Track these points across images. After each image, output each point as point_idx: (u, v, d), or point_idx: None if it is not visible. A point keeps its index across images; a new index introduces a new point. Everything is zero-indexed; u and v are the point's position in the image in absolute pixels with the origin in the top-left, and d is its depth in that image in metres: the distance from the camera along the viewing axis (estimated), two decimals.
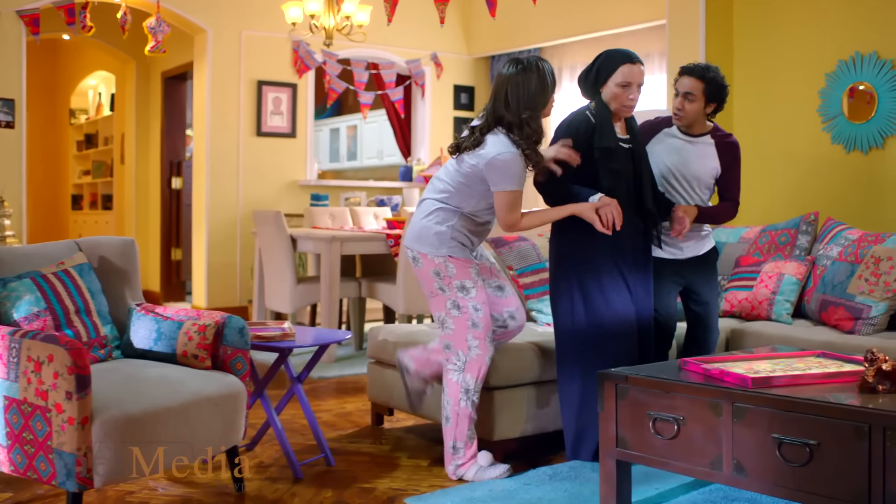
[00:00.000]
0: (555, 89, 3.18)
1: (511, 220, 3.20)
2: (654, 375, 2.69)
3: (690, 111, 3.66)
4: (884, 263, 3.85)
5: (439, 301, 3.26)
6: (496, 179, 3.14)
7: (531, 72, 3.12)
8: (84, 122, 11.55)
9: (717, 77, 3.63)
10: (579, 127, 3.36)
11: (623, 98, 3.33)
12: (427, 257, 3.25)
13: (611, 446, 2.78)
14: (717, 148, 3.75)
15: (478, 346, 3.26)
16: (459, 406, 3.27)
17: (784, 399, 2.35)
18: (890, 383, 2.36)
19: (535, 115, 3.13)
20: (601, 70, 3.35)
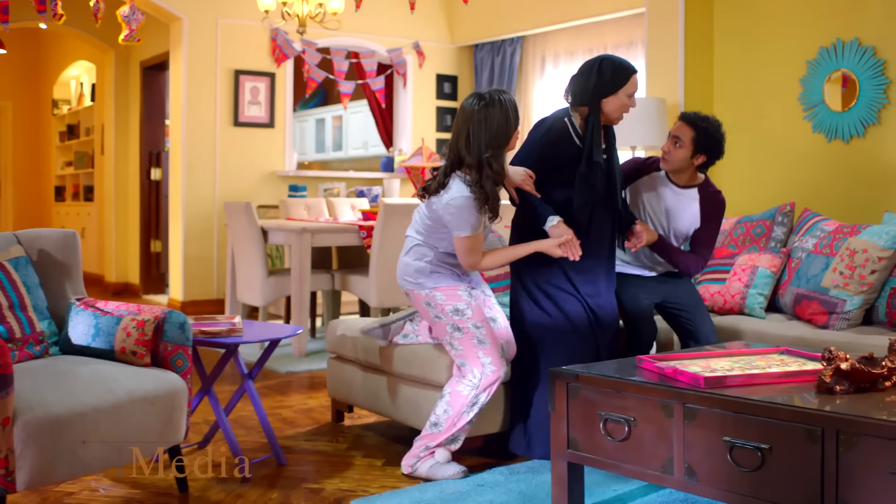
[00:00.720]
0: (518, 123, 3.11)
1: (471, 262, 3.19)
2: (605, 374, 2.56)
3: (675, 157, 3.59)
4: (858, 256, 3.72)
5: (440, 328, 3.25)
6: (452, 224, 3.12)
7: (493, 107, 3.05)
8: (66, 113, 11.40)
9: (709, 128, 3.55)
10: (560, 138, 3.30)
11: (627, 107, 3.29)
12: (414, 292, 3.26)
13: (562, 447, 2.66)
14: (700, 202, 3.67)
15: (491, 363, 3.18)
16: (460, 417, 3.16)
17: (736, 400, 2.22)
18: (848, 384, 2.23)
19: (498, 154, 3.07)
20: (615, 79, 3.24)
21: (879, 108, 4.73)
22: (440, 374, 3.30)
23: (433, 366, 3.33)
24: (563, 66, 7.88)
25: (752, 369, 2.53)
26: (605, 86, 3.24)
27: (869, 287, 3.68)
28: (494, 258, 3.22)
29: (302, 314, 5.59)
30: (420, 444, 3.21)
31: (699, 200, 3.68)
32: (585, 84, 3.27)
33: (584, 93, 3.28)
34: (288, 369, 5.21)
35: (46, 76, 11.95)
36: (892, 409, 2.10)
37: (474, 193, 3.06)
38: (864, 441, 1.96)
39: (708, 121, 3.58)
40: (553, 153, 3.28)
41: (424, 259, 3.22)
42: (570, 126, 3.30)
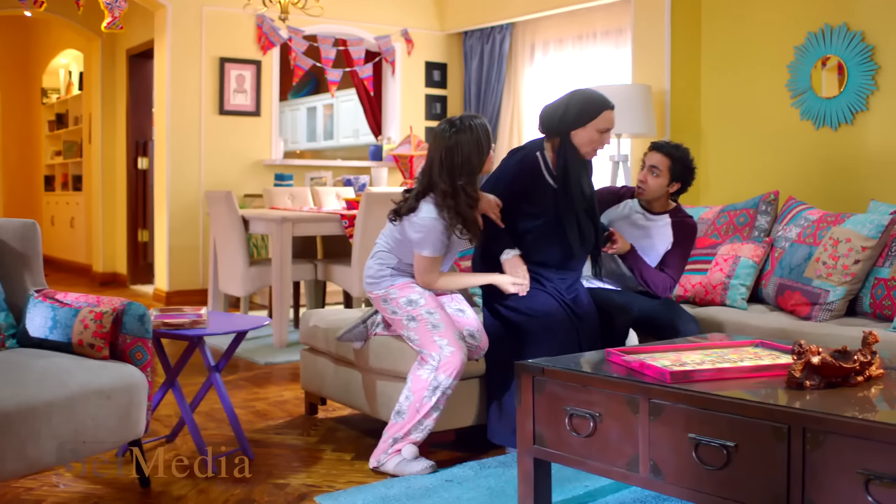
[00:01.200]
0: (490, 147, 3.14)
1: (426, 281, 3.23)
2: (570, 368, 2.47)
3: (653, 186, 3.67)
4: (842, 245, 3.63)
5: (397, 323, 3.24)
6: (416, 241, 3.17)
7: (465, 133, 3.08)
8: (55, 102, 11.30)
9: (684, 157, 3.65)
10: (530, 173, 3.32)
11: (599, 143, 3.29)
12: (373, 293, 3.30)
13: (528, 443, 2.58)
14: (672, 227, 3.72)
15: (448, 344, 3.12)
16: (421, 402, 3.10)
17: (701, 396, 2.14)
18: (819, 379, 2.15)
19: (472, 180, 3.12)
20: (583, 113, 3.24)
21: (868, 95, 4.64)
22: (409, 364, 3.22)
23: (404, 357, 3.25)
24: (552, 53, 7.77)
25: (723, 363, 2.45)
26: (573, 118, 3.24)
27: (852, 277, 3.60)
28: (449, 281, 3.26)
29: (283, 304, 5.51)
30: (387, 437, 3.14)
31: (671, 226, 3.74)
32: (554, 115, 3.29)
33: (552, 124, 3.30)
34: (268, 360, 5.13)
35: (35, 65, 11.85)
36: (861, 406, 2.02)
37: (443, 217, 3.10)
38: (831, 439, 1.88)
39: (681, 149, 3.68)
40: (522, 186, 3.32)
41: (387, 265, 3.29)
42: (541, 161, 3.33)
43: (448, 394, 3.13)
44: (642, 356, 2.54)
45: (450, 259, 3.36)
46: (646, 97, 5.35)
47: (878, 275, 3.60)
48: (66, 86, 11.14)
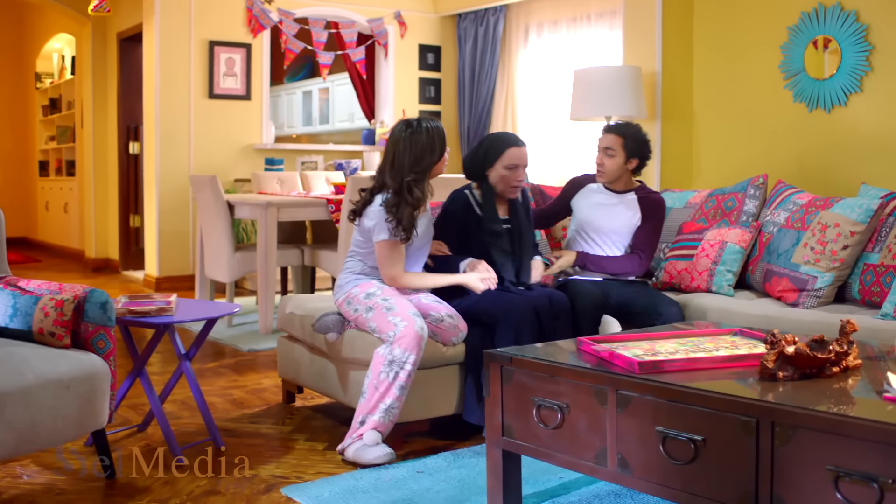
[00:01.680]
0: (444, 151, 3.24)
1: (391, 274, 3.24)
2: (538, 357, 2.39)
3: (610, 166, 3.73)
4: (830, 230, 3.53)
5: (360, 321, 3.23)
6: (373, 228, 3.20)
7: (419, 134, 3.19)
8: (49, 87, 11.21)
9: (636, 133, 3.71)
10: (458, 208, 3.49)
11: (510, 179, 3.43)
12: (338, 301, 3.32)
13: (496, 435, 2.50)
14: (640, 204, 3.77)
15: (402, 320, 3.09)
16: (378, 379, 3.04)
17: (669, 388, 2.05)
18: (793, 370, 2.06)
19: (421, 178, 3.20)
20: (489, 153, 3.44)
21: (861, 76, 4.53)
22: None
23: (374, 344, 3.16)
24: (546, 35, 7.65)
25: (698, 352, 2.36)
26: (482, 160, 3.46)
27: (841, 263, 3.50)
28: (415, 279, 3.29)
29: (268, 290, 5.43)
30: (354, 421, 3.08)
31: (638, 202, 3.77)
32: (472, 159, 3.50)
33: (471, 168, 3.51)
34: (251, 347, 5.06)
35: (29, 49, 11.76)
36: (833, 399, 1.93)
37: (389, 216, 3.16)
38: (801, 434, 1.80)
39: (631, 126, 3.74)
40: (457, 222, 3.48)
41: (352, 271, 3.34)
42: (470, 196, 3.50)
43: (409, 370, 3.05)
44: (614, 345, 2.45)
45: (417, 259, 3.36)
46: (636, 79, 5.24)
47: (867, 260, 3.50)
48: (60, 70, 11.05)
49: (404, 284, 3.26)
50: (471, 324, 3.30)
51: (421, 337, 3.07)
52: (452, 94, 8.63)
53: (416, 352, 3.06)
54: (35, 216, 11.82)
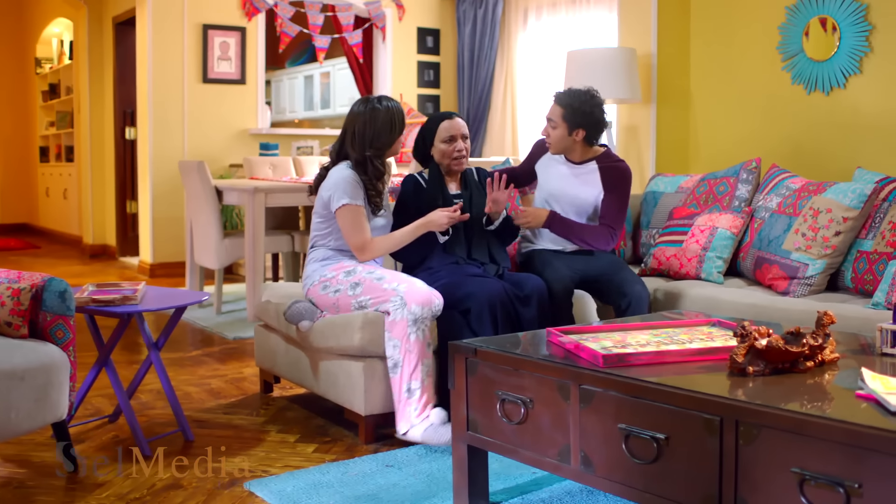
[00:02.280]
0: (402, 130, 3.25)
1: (359, 242, 3.18)
2: (503, 349, 2.29)
3: (554, 138, 3.56)
4: (822, 216, 3.41)
5: (345, 300, 3.14)
6: (332, 196, 3.16)
7: (378, 111, 3.20)
8: (48, 72, 11.14)
9: (574, 102, 3.48)
10: (407, 189, 3.47)
11: (450, 152, 3.41)
12: (311, 290, 3.25)
13: (461, 429, 2.40)
14: (601, 174, 3.58)
15: (400, 283, 3.04)
16: (410, 342, 2.97)
17: (632, 383, 1.94)
18: (764, 364, 1.95)
19: (379, 154, 3.21)
20: (427, 133, 3.46)
21: (861, 57, 4.38)
22: (352, 338, 3.04)
23: (346, 331, 3.07)
24: (545, 17, 7.51)
25: (670, 345, 2.25)
26: (422, 143, 3.48)
27: (833, 250, 3.38)
28: (385, 241, 3.23)
29: (256, 277, 5.34)
30: (397, 395, 2.99)
31: (600, 173, 3.59)
32: (417, 144, 3.51)
33: (417, 155, 3.52)
34: (237, 335, 4.98)
35: (29, 34, 11.68)
36: (801, 396, 1.82)
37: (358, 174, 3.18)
38: (766, 434, 1.69)
39: (575, 95, 3.52)
40: (410, 205, 3.43)
41: (316, 259, 3.27)
42: (419, 177, 3.50)
43: (429, 325, 3.00)
44: (582, 336, 2.35)
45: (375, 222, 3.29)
46: (630, 61, 5.10)
47: (860, 247, 3.38)
48: (59, 55, 10.97)
49: (375, 250, 3.20)
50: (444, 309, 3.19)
51: (429, 291, 3.01)
52: (452, 78, 8.51)
53: (432, 306, 2.98)
54: (36, 202, 11.78)
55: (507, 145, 8.06)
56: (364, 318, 3.04)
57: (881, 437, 1.49)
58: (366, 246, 3.16)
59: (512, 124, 7.99)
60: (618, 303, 3.40)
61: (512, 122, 7.99)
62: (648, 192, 4.37)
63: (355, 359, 3.09)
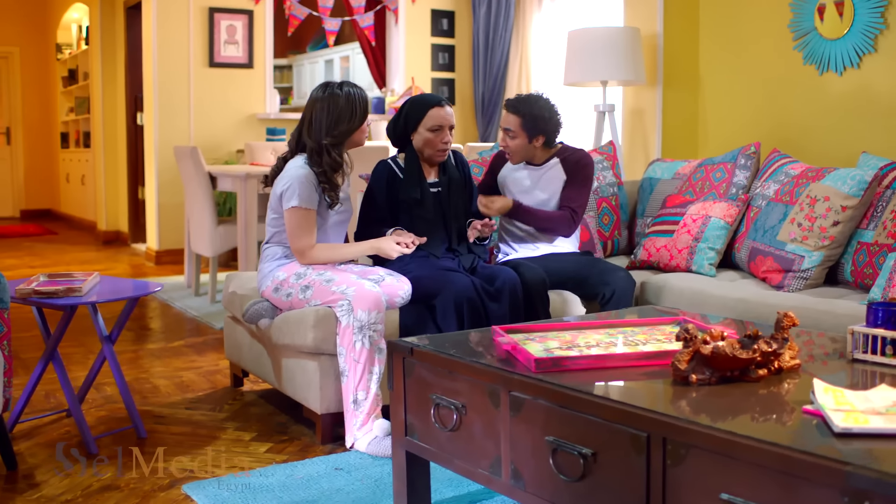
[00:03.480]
0: (364, 118, 3.02)
1: (301, 246, 2.99)
2: (438, 349, 2.10)
3: (514, 148, 3.41)
4: (819, 205, 3.16)
5: (297, 304, 2.98)
6: (283, 194, 2.98)
7: (339, 96, 2.98)
8: (68, 57, 11.12)
9: (532, 109, 3.34)
10: (380, 176, 3.24)
11: (436, 142, 3.19)
12: (265, 291, 3.08)
13: (400, 434, 2.23)
14: (564, 167, 3.44)
15: (348, 286, 2.86)
16: (356, 350, 2.81)
17: (559, 391, 1.75)
18: (710, 372, 1.74)
19: (338, 143, 2.99)
20: (410, 116, 3.20)
21: (876, 35, 4.09)
22: (306, 336, 2.88)
23: (300, 329, 2.91)
24: None
25: (620, 347, 2.05)
26: (404, 125, 3.21)
27: (831, 241, 3.14)
28: (327, 251, 3.03)
29: (249, 265, 5.21)
30: (346, 405, 2.84)
31: (562, 166, 3.46)
32: (394, 127, 3.25)
33: (395, 135, 3.26)
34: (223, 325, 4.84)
35: (51, 20, 11.68)
36: (742, 412, 1.61)
37: (312, 170, 2.97)
38: (694, 454, 1.49)
39: (529, 101, 3.37)
40: (384, 194, 3.23)
41: (275, 257, 3.10)
42: (393, 164, 3.26)
43: (381, 330, 2.84)
44: (528, 336, 2.15)
45: (336, 235, 3.12)
46: (634, 41, 4.86)
47: (860, 238, 3.13)
48: (78, 41, 10.94)
49: (315, 258, 2.99)
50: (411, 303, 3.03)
51: (378, 294, 2.84)
52: (467, 61, 8.29)
53: (380, 309, 2.83)
54: (58, 188, 11.81)
55: None
56: (317, 315, 2.87)
57: (812, 465, 1.29)
58: (307, 252, 2.99)
59: None
60: (601, 292, 3.20)
61: None
62: (645, 179, 4.14)
63: (311, 356, 2.93)
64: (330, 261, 3.03)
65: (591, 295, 3.25)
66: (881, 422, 1.41)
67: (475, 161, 3.86)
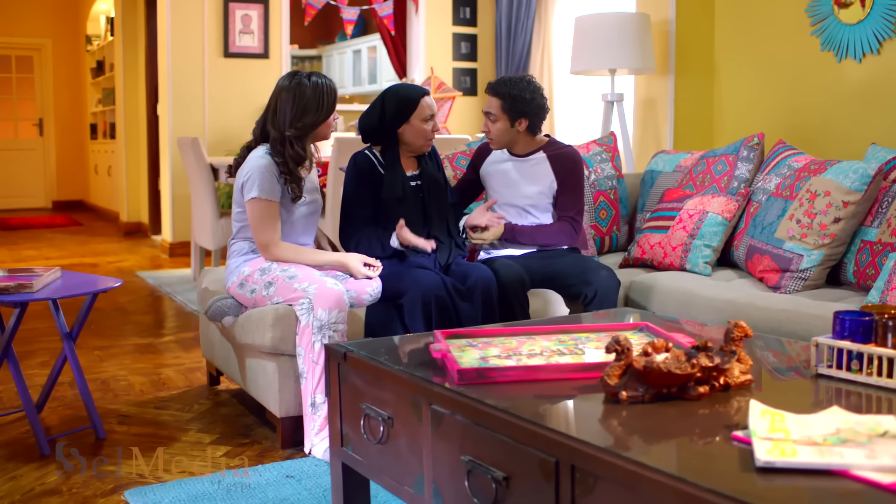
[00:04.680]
0: (331, 111, 2.89)
1: (264, 239, 2.84)
2: (369, 355, 1.95)
3: (496, 132, 3.22)
4: (819, 200, 2.94)
5: (260, 302, 2.85)
6: (247, 185, 2.84)
7: (305, 86, 2.85)
8: (96, 49, 11.17)
9: (513, 90, 3.15)
10: (363, 168, 3.07)
11: (427, 132, 3.05)
12: (230, 289, 2.96)
13: (336, 444, 2.08)
14: (550, 164, 3.21)
15: (310, 283, 2.73)
16: (315, 351, 2.68)
17: (476, 407, 1.58)
18: (644, 389, 1.56)
19: (301, 135, 2.86)
20: (402, 107, 3.01)
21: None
22: (264, 335, 2.74)
23: (259, 328, 2.77)
24: None
25: (565, 356, 1.87)
26: (394, 116, 3.02)
27: (832, 239, 2.91)
28: (291, 251, 2.87)
29: None
30: (305, 409, 2.71)
31: (549, 162, 3.24)
32: (372, 120, 3.05)
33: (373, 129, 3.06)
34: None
35: (81, 12, 11.75)
36: (664, 436, 1.43)
37: (274, 161, 2.84)
38: (602, 486, 1.31)
39: (510, 83, 3.19)
40: (365, 185, 3.07)
41: (241, 252, 2.96)
42: (371, 156, 3.09)
43: (342, 330, 2.70)
44: (468, 342, 1.99)
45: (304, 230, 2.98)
46: (643, 27, 4.63)
47: (864, 237, 2.90)
48: (105, 32, 10.97)
49: (278, 255, 2.85)
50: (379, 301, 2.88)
51: (339, 292, 2.70)
52: (490, 51, 8.10)
53: (342, 308, 2.69)
54: (88, 179, 11.90)
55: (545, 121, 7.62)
56: (276, 314, 2.74)
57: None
58: (271, 246, 2.84)
59: (549, 99, 7.55)
60: (583, 293, 3.02)
61: (549, 97, 7.55)
62: (647, 172, 3.93)
63: (271, 357, 2.79)
64: (295, 261, 2.88)
65: (574, 295, 3.07)
66: (812, 455, 1.22)
67: (462, 153, 3.69)
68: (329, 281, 2.73)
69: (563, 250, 3.26)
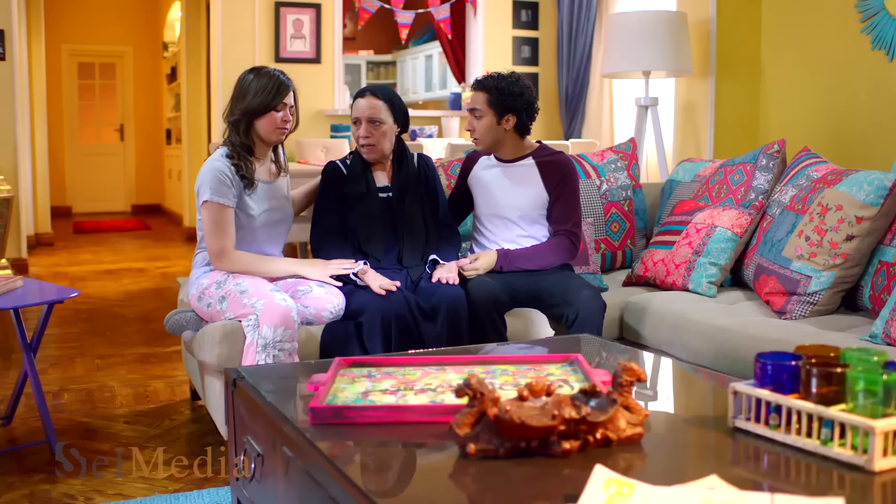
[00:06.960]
0: (273, 98, 2.71)
1: (216, 247, 2.70)
2: (253, 382, 1.76)
3: (481, 129, 2.99)
4: (831, 215, 2.60)
5: (216, 316, 2.70)
6: (200, 189, 2.71)
7: (248, 77, 2.76)
8: (171, 55, 11.39)
9: (500, 84, 2.94)
10: (329, 174, 2.99)
11: (356, 136, 2.92)
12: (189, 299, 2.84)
13: (232, 476, 1.90)
14: (540, 171, 2.98)
15: (258, 299, 2.58)
16: None
17: (312, 453, 1.37)
18: (499, 442, 1.31)
19: (240, 120, 2.72)
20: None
21: None
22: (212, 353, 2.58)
23: (206, 345, 2.61)
24: None
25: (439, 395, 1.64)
26: None
27: (844, 259, 2.58)
28: (248, 261, 2.73)
29: None
30: None
31: (538, 169, 2.98)
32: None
33: None
34: None
35: (159, 19, 12.01)
36: (495, 502, 1.18)
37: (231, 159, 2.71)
38: None
39: (498, 77, 2.98)
40: (331, 195, 2.95)
41: (203, 263, 2.83)
42: (340, 164, 3.00)
43: (289, 348, 2.53)
44: (366, 371, 1.78)
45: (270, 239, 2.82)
46: (679, 26, 4.32)
47: (882, 257, 2.55)
48: (179, 39, 11.18)
49: (232, 264, 2.69)
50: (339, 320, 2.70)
51: (287, 308, 2.53)
52: (551, 54, 7.83)
53: (289, 326, 2.52)
54: (163, 184, 12.14)
55: (605, 127, 7.31)
56: (224, 330, 2.58)
57: None
58: (224, 254, 2.69)
59: (609, 103, 7.23)
60: (564, 314, 2.76)
61: (609, 101, 7.23)
62: (667, 182, 3.63)
63: (218, 375, 2.64)
64: (248, 271, 2.73)
65: (557, 316, 2.81)
66: None
67: (458, 160, 3.47)
68: (277, 296, 2.56)
69: (554, 266, 3.00)
